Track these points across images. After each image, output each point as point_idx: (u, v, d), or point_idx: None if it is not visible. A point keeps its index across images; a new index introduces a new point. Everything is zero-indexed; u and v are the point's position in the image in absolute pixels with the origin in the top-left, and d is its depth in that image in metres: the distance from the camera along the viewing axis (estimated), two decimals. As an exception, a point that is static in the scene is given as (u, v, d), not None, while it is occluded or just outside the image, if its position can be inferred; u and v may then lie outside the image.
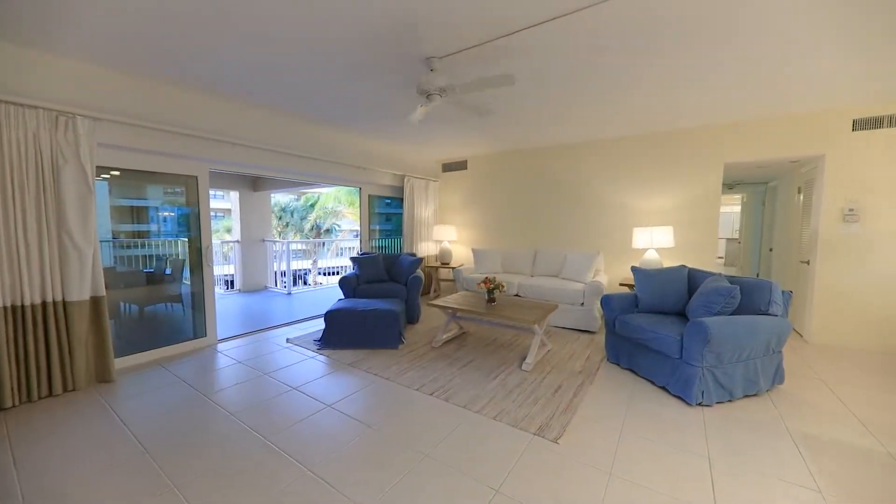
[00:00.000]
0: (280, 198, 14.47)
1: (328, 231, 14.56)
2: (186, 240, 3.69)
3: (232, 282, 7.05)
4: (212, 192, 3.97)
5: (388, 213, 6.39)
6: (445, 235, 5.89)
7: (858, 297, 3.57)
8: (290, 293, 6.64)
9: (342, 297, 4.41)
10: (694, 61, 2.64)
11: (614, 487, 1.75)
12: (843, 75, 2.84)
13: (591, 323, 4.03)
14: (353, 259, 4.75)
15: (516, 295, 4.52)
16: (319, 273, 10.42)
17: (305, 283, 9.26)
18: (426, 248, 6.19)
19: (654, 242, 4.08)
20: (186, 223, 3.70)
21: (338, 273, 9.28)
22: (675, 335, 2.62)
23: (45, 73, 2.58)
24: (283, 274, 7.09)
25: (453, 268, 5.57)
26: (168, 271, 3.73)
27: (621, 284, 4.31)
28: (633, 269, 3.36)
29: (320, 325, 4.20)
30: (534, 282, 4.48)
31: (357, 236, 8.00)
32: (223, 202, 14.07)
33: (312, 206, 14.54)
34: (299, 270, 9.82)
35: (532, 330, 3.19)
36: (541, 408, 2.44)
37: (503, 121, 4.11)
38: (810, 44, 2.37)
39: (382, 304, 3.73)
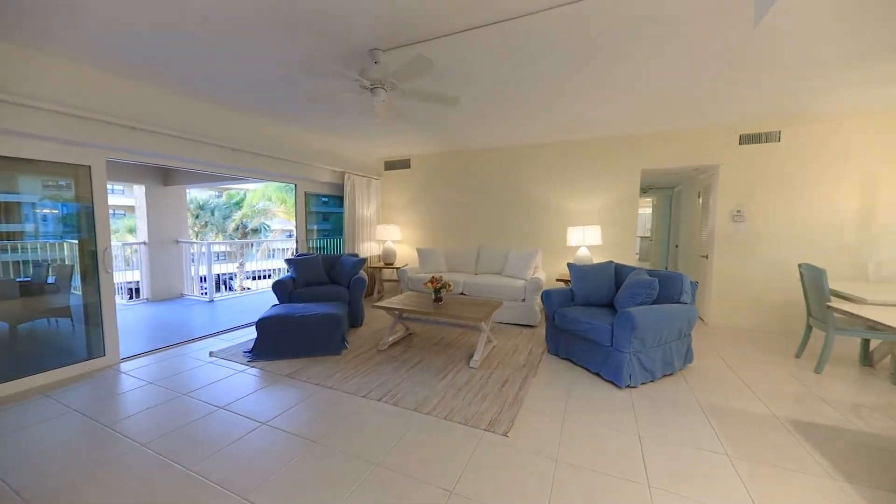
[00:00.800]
0: (197, 194, 12.94)
1: (256, 231, 13.38)
2: (76, 242, 3.09)
3: (137, 290, 6.10)
4: (110, 186, 3.37)
5: (326, 211, 6.05)
6: (389, 235, 5.75)
7: (747, 284, 4.24)
8: (212, 300, 5.95)
9: (276, 302, 4.06)
10: (612, 77, 2.91)
11: (561, 473, 1.83)
12: (730, 98, 3.34)
13: (532, 317, 4.22)
14: (288, 261, 4.40)
15: (461, 293, 4.57)
16: (247, 277, 9.52)
17: (230, 288, 8.39)
18: (369, 249, 5.98)
19: (586, 240, 4.42)
20: (76, 222, 3.09)
21: (270, 276, 8.56)
22: (607, 325, 2.85)
23: None
24: (204, 279, 6.33)
25: (397, 268, 5.47)
26: (51, 280, 3.09)
27: (558, 280, 4.59)
28: (570, 265, 3.60)
29: (251, 334, 3.83)
30: (478, 280, 4.57)
31: (291, 236, 7.45)
32: (124, 198, 12.17)
33: (238, 203, 13.25)
34: (223, 275, 8.87)
35: (479, 327, 3.24)
36: (490, 403, 2.48)
37: (446, 122, 4.12)
38: (700, 69, 2.74)
39: (323, 307, 3.51)
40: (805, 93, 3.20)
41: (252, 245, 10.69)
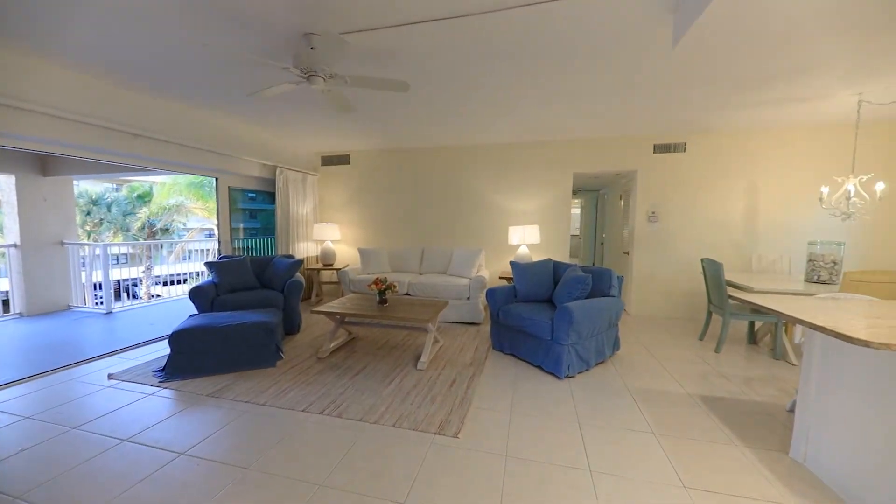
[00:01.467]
0: (89, 186, 10.99)
1: (167, 230, 11.78)
2: None
3: (6, 302, 4.97)
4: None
5: (255, 209, 5.53)
6: (328, 235, 5.43)
7: (660, 277, 4.78)
8: (110, 312, 5.07)
9: (195, 311, 3.58)
10: (551, 86, 3.06)
11: (511, 468, 1.86)
12: (647, 111, 3.71)
13: (477, 315, 4.30)
14: (209, 264, 3.91)
15: (407, 294, 4.48)
16: (156, 283, 8.34)
17: (135, 296, 7.26)
18: (306, 249, 5.59)
19: (526, 239, 4.62)
20: None
21: (186, 282, 7.58)
22: (547, 320, 2.99)
23: None
24: (99, 287, 5.37)
25: (338, 269, 5.19)
26: None
27: (501, 277, 4.74)
28: (513, 263, 3.72)
29: (163, 349, 3.33)
30: (423, 279, 4.52)
31: (212, 236, 6.67)
32: (-16, 190, 9.89)
33: (142, 198, 11.53)
34: (125, 281, 7.64)
35: (426, 328, 3.19)
36: (439, 405, 2.44)
37: (389, 119, 3.99)
38: (625, 85, 3.01)
39: (253, 315, 3.17)
40: (708, 110, 3.68)
41: (161, 246, 9.38)
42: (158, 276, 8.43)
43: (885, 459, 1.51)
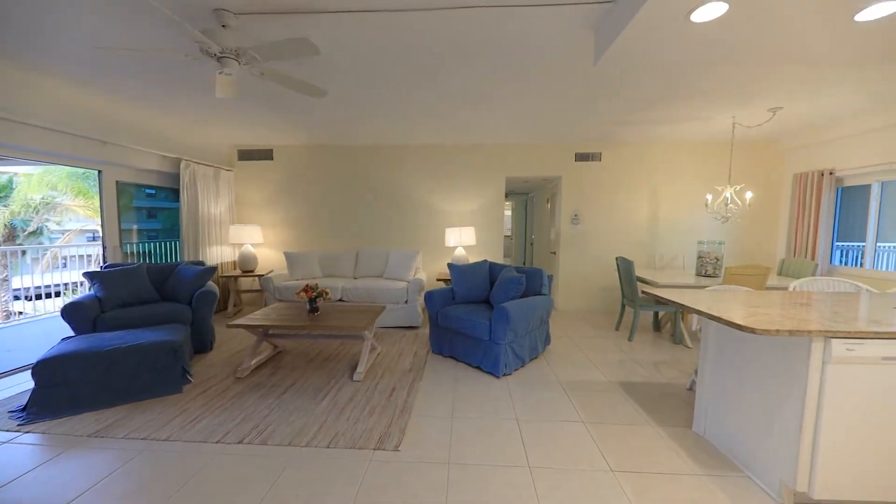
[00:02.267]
0: None
1: (36, 233, 9.64)
2: None
3: None
4: None
5: (155, 207, 4.75)
6: (247, 237, 4.89)
7: (584, 275, 5.20)
8: (-56, 339, 3.94)
9: (72, 333, 2.94)
10: (466, 95, 3.13)
11: (455, 476, 1.83)
12: (570, 121, 4.00)
13: (415, 318, 4.22)
14: (89, 275, 3.24)
15: (340, 300, 4.23)
16: (18, 298, 6.76)
17: (-15, 316, 5.79)
18: (220, 254, 4.97)
19: (462, 241, 4.67)
20: None
21: (60, 295, 6.25)
22: (485, 320, 3.04)
23: None
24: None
25: (260, 276, 4.70)
26: None
27: (439, 279, 4.73)
28: (450, 265, 3.72)
29: (24, 383, 2.68)
30: (358, 284, 4.31)
31: (95, 239, 5.60)
32: None
33: (-3, 193, 9.26)
34: (-31, 297, 6.04)
35: (362, 336, 3.03)
36: (378, 417, 2.32)
37: (318, 112, 3.72)
38: (551, 96, 3.20)
39: (150, 334, 2.70)
40: (618, 124, 4.09)
41: (24, 252, 7.63)
42: (23, 289, 6.82)
43: (758, 425, 1.79)
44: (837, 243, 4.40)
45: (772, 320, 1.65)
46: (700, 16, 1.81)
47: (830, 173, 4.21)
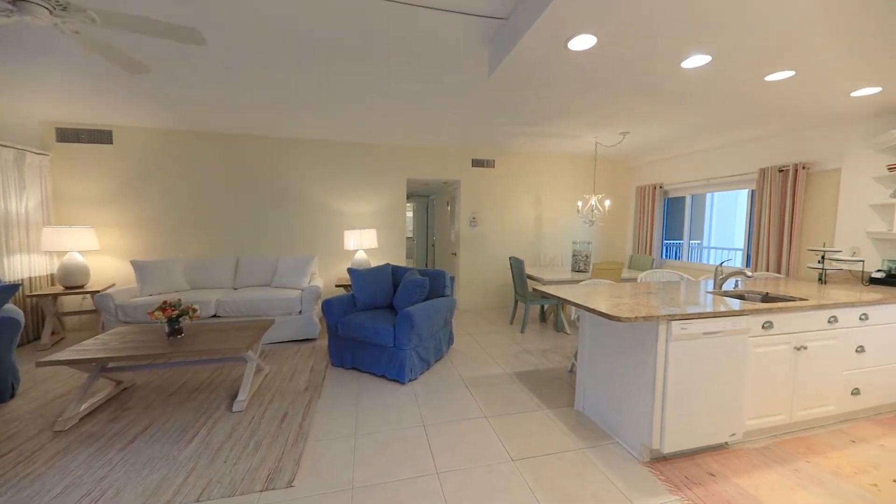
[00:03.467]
0: None
1: None
2: None
3: None
4: None
5: None
6: (73, 243, 3.76)
7: (480, 274, 5.51)
8: None
9: None
10: (353, 88, 3.00)
11: (359, 500, 1.69)
12: (466, 128, 4.19)
13: (312, 330, 3.85)
14: None
15: (215, 316, 3.59)
16: None
17: None
18: (28, 266, 3.72)
19: (363, 244, 4.46)
20: None
21: None
22: (389, 327, 2.94)
23: None
24: None
25: (94, 292, 3.67)
26: None
27: (338, 286, 4.41)
28: (351, 270, 3.50)
29: None
30: (239, 296, 3.72)
31: None
32: None
33: None
34: None
35: (243, 357, 2.60)
36: (267, 450, 2.01)
37: (179, 85, 3.07)
38: (447, 103, 3.30)
39: None
40: (507, 135, 4.45)
41: None
42: None
43: (623, 397, 2.13)
44: (665, 241, 5.61)
45: (631, 309, 1.97)
46: (575, 44, 2.05)
47: (660, 187, 5.36)
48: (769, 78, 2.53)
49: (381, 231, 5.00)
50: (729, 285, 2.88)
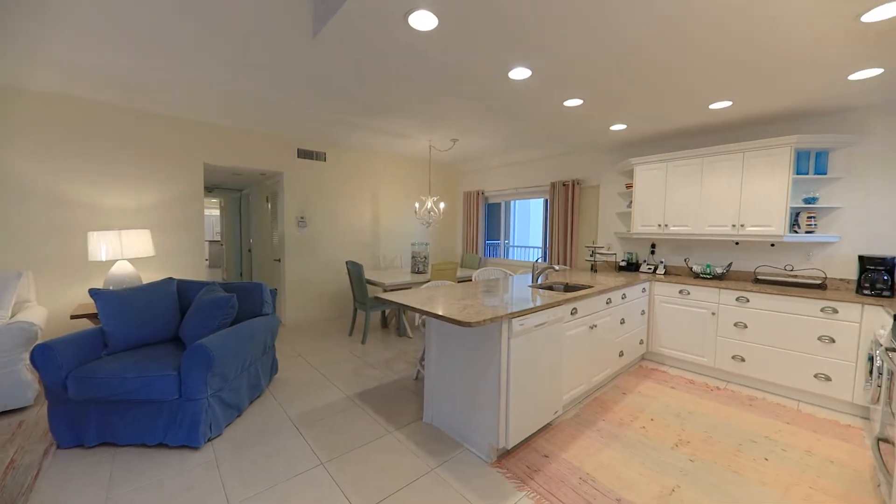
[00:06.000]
0: None
1: None
2: None
3: None
4: None
5: None
6: None
7: (312, 281, 4.78)
8: None
9: None
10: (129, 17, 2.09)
11: None
12: (287, 110, 3.48)
13: (19, 394, 2.36)
14: None
15: None
16: None
17: None
18: None
19: (126, 251, 3.08)
20: None
21: None
22: (172, 371, 2.04)
23: None
24: None
25: None
26: None
27: (75, 317, 2.88)
28: (94, 292, 2.29)
29: None
30: None
31: None
32: None
33: None
34: None
35: None
36: None
37: None
38: (257, 73, 2.62)
39: None
40: (339, 124, 3.95)
41: None
42: None
43: (471, 400, 2.07)
44: (487, 241, 6.32)
45: (477, 311, 1.91)
46: (416, 21, 1.84)
47: (482, 193, 5.98)
48: (567, 103, 3.01)
49: (165, 232, 3.65)
50: (540, 279, 3.33)
